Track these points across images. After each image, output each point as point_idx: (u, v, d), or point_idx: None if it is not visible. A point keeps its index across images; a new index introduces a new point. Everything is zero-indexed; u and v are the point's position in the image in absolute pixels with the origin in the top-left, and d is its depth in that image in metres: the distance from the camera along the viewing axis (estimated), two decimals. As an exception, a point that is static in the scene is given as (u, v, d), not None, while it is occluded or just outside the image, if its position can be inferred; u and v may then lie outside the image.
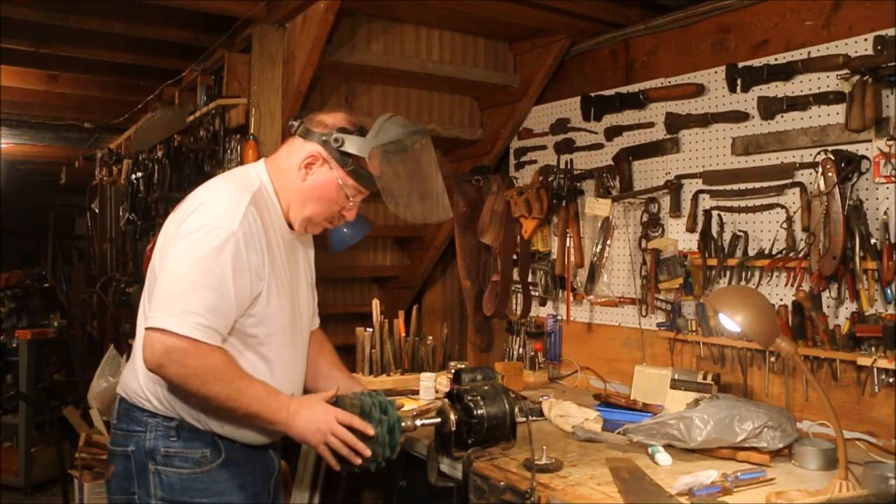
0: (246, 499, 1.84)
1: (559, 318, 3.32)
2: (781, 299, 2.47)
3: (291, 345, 1.93)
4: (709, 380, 2.51)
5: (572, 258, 3.18)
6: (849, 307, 2.30)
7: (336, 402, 1.84)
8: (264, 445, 1.90)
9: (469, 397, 1.94)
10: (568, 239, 3.19)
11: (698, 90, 2.77)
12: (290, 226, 1.94)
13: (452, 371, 2.58)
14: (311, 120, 1.91)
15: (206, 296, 1.68)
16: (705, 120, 2.74)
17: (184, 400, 1.76)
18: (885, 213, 2.21)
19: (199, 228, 1.72)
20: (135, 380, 1.81)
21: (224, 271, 1.70)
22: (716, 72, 2.73)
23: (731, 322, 1.96)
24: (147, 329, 1.69)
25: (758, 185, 2.56)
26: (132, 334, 4.29)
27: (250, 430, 1.83)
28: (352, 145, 1.85)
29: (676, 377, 2.57)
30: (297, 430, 1.78)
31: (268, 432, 1.87)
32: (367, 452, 1.80)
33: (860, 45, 2.30)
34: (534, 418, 2.52)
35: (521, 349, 3.38)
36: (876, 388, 2.19)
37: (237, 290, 1.73)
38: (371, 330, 3.05)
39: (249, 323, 1.79)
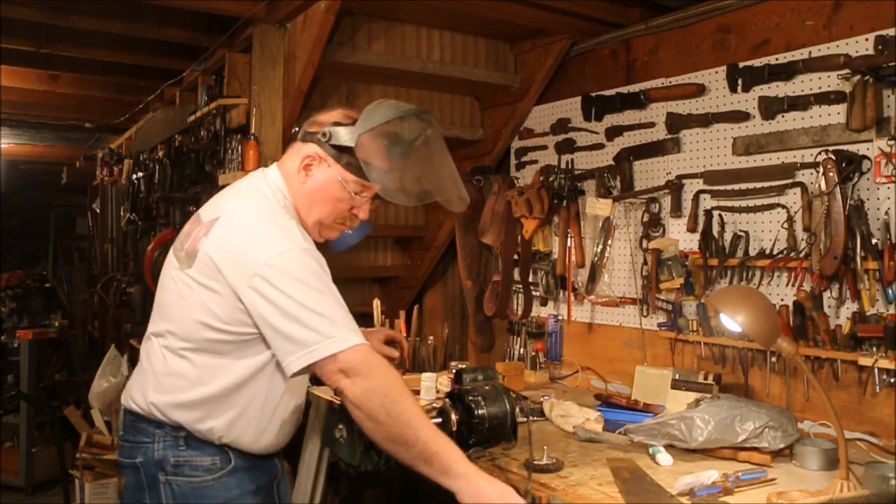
0: (258, 503, 1.81)
1: (560, 318, 3.32)
2: (782, 299, 2.47)
3: None
4: (710, 380, 2.51)
5: (573, 258, 3.18)
6: (850, 307, 2.30)
7: (341, 402, 1.83)
8: (271, 454, 1.86)
9: (470, 397, 1.94)
10: (569, 239, 3.19)
11: (699, 90, 2.77)
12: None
13: (453, 371, 2.58)
14: (309, 121, 1.86)
15: (330, 303, 1.62)
16: (706, 120, 2.74)
17: (190, 412, 1.71)
18: (886, 213, 2.21)
19: (270, 258, 1.62)
20: (139, 391, 1.77)
21: (327, 280, 1.66)
22: (716, 72, 2.72)
23: (732, 322, 1.96)
24: (310, 366, 1.60)
25: (759, 185, 2.56)
26: (133, 334, 4.31)
27: (267, 440, 1.79)
28: (342, 136, 1.77)
29: (677, 377, 2.57)
30: (477, 488, 1.56)
31: (281, 442, 1.84)
32: None
33: (861, 45, 2.30)
34: (535, 418, 2.52)
35: (522, 349, 3.38)
36: (877, 388, 2.19)
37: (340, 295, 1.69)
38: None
39: None
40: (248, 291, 1.62)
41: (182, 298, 1.71)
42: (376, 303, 3.14)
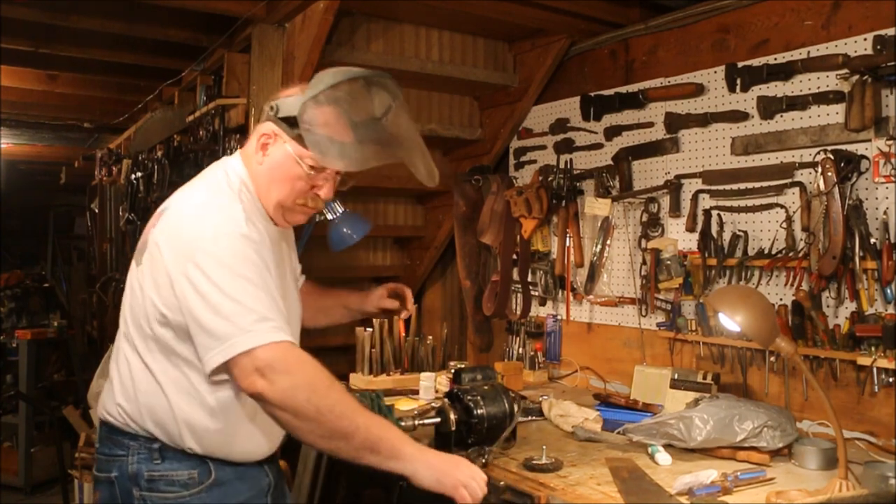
0: None
1: (559, 317, 3.32)
2: (781, 299, 2.47)
3: None
4: (708, 379, 2.51)
5: (572, 258, 3.18)
6: (848, 307, 2.30)
7: None
8: (257, 462, 1.74)
9: (469, 397, 1.94)
10: (568, 239, 3.19)
11: (698, 90, 2.77)
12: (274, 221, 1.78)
13: (452, 371, 2.58)
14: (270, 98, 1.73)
15: (259, 295, 1.51)
16: (705, 120, 2.74)
17: (163, 419, 1.61)
18: (885, 213, 2.21)
19: (205, 241, 1.53)
20: (111, 401, 1.67)
21: (261, 270, 1.55)
22: (715, 71, 2.73)
23: (730, 322, 1.96)
24: (228, 362, 1.48)
25: (757, 184, 2.56)
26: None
27: (243, 445, 1.68)
28: (289, 107, 1.63)
29: (676, 377, 2.57)
30: (431, 466, 1.53)
31: (262, 446, 1.72)
32: None
33: (860, 45, 2.30)
34: (534, 418, 2.52)
35: (520, 349, 3.38)
36: (876, 387, 2.20)
37: (275, 287, 1.58)
38: (371, 330, 3.05)
39: None
40: (181, 279, 1.52)
41: (134, 296, 1.64)
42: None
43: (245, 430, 1.67)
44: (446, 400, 2.02)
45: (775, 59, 2.53)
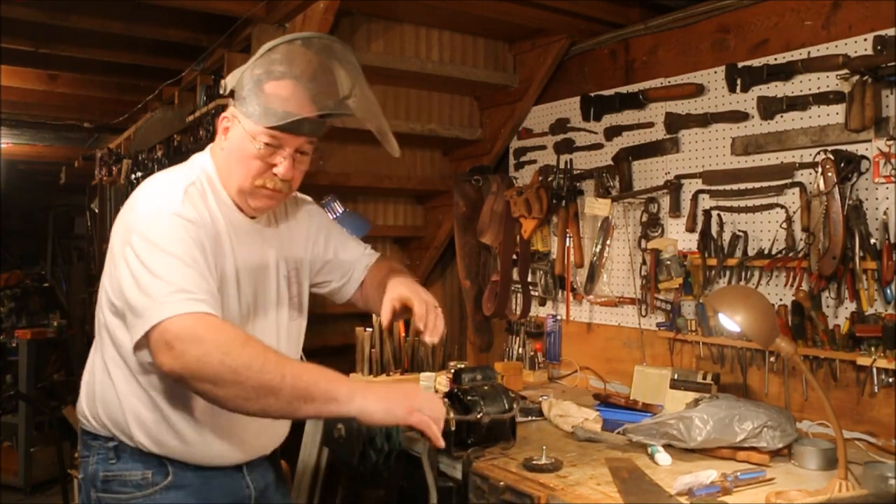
0: None
1: (559, 317, 3.32)
2: (781, 299, 2.47)
3: None
4: (708, 380, 2.51)
5: (572, 258, 3.18)
6: (848, 307, 2.30)
7: None
8: (230, 467, 1.64)
9: (469, 397, 1.94)
10: (568, 239, 3.19)
11: (698, 90, 2.77)
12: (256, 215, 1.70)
13: (452, 371, 2.58)
14: None
15: (183, 271, 1.43)
16: (705, 120, 2.74)
17: (114, 413, 1.56)
18: (885, 213, 2.21)
19: (140, 220, 1.49)
20: (80, 401, 1.65)
21: (189, 248, 1.47)
22: (715, 72, 2.73)
23: (730, 322, 1.96)
24: (145, 339, 1.40)
25: (757, 184, 2.56)
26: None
27: (204, 447, 1.58)
28: (232, 81, 1.59)
29: (676, 377, 2.57)
30: (378, 399, 1.43)
31: (229, 450, 1.62)
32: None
33: (860, 45, 2.30)
34: (534, 418, 2.52)
35: (520, 349, 3.38)
36: (875, 387, 2.19)
37: (210, 268, 1.50)
38: (371, 329, 3.05)
39: None
40: (121, 262, 1.48)
41: (100, 289, 1.61)
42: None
43: (202, 428, 1.58)
44: (446, 400, 2.02)
45: (775, 59, 2.53)
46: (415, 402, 1.46)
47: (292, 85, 1.56)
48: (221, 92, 1.63)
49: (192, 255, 1.46)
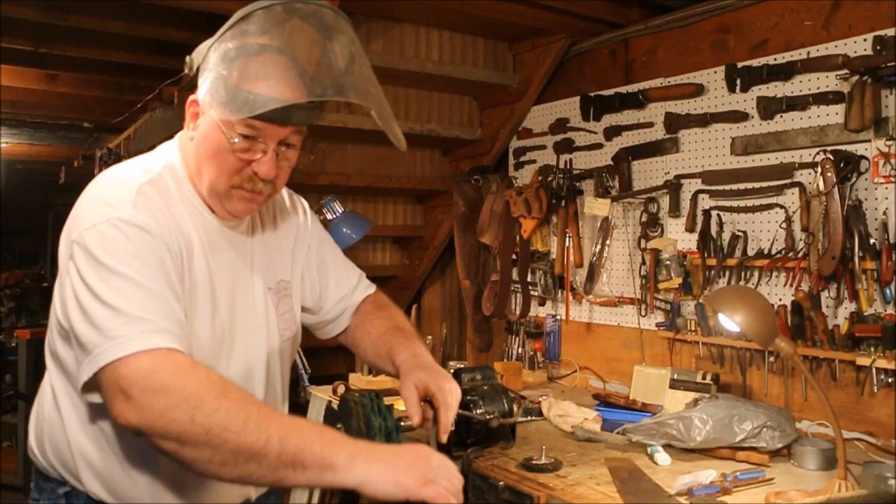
0: None
1: (558, 317, 3.32)
2: (780, 299, 2.47)
3: (228, 374, 1.31)
4: (708, 380, 2.51)
5: (571, 258, 3.18)
6: (848, 307, 2.30)
7: (340, 401, 1.81)
8: None
9: (468, 397, 1.94)
10: (567, 239, 3.19)
11: (698, 90, 2.77)
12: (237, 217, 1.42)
13: (452, 371, 2.58)
14: None
15: (137, 295, 1.17)
16: (705, 120, 2.74)
17: (62, 453, 1.33)
18: (884, 213, 2.21)
19: (81, 230, 1.23)
20: (29, 434, 1.42)
21: (144, 264, 1.20)
22: (715, 72, 2.73)
23: (730, 322, 1.96)
24: (95, 380, 1.15)
25: (757, 185, 2.56)
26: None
27: (169, 496, 1.33)
28: (198, 57, 1.30)
29: (675, 377, 2.57)
30: (383, 467, 1.14)
31: (208, 498, 1.36)
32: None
33: (859, 46, 2.30)
34: (533, 418, 2.52)
35: (520, 349, 3.38)
36: (875, 388, 2.19)
37: (172, 287, 1.23)
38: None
39: None
40: (65, 279, 1.24)
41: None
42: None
43: (166, 475, 1.32)
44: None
45: (775, 59, 2.53)
46: (428, 471, 1.16)
47: (273, 61, 1.24)
48: (186, 71, 1.32)
49: (148, 272, 1.20)
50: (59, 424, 1.33)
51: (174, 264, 1.26)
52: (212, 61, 1.25)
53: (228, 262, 1.41)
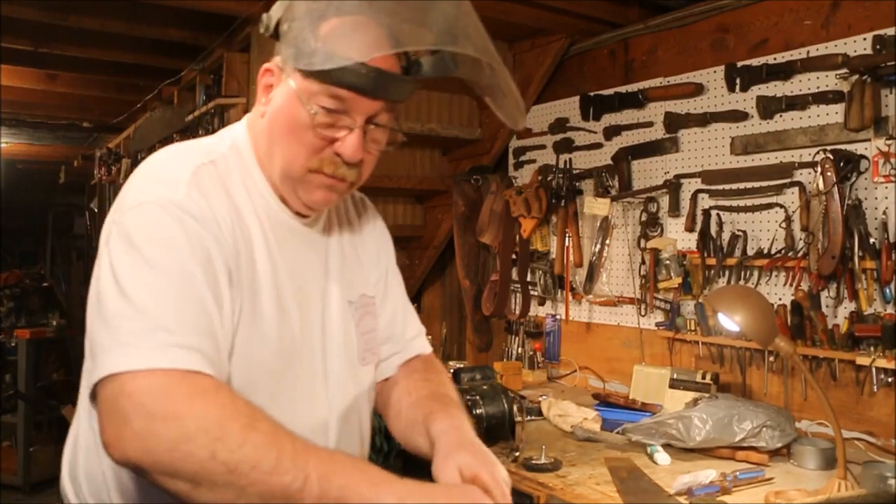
0: None
1: (558, 317, 3.32)
2: (780, 299, 2.47)
3: (292, 405, 1.14)
4: (707, 379, 2.51)
5: (571, 258, 3.18)
6: (847, 307, 2.30)
7: None
8: None
9: (468, 397, 1.94)
10: (567, 238, 3.19)
11: (697, 90, 2.77)
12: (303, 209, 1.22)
13: (451, 371, 2.58)
14: None
15: (168, 295, 0.98)
16: (704, 119, 2.74)
17: (98, 486, 1.12)
18: (884, 213, 2.21)
19: (125, 210, 1.05)
20: (62, 469, 1.25)
21: (186, 258, 1.01)
22: (715, 71, 2.73)
23: (729, 321, 1.96)
24: (94, 392, 0.96)
25: (757, 184, 2.56)
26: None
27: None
28: (275, 12, 1.12)
29: (675, 377, 2.57)
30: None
31: None
32: None
33: (859, 45, 2.30)
34: (533, 418, 2.52)
35: (519, 349, 3.38)
36: (875, 387, 2.20)
37: (215, 291, 1.03)
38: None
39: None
40: (97, 268, 1.05)
41: None
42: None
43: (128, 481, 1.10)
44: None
45: (775, 58, 2.53)
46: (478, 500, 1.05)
47: (367, 24, 1.08)
48: (262, 31, 1.14)
49: (188, 269, 1.00)
50: (94, 451, 1.12)
51: (226, 264, 1.06)
52: (296, 17, 1.07)
53: (299, 265, 1.19)
